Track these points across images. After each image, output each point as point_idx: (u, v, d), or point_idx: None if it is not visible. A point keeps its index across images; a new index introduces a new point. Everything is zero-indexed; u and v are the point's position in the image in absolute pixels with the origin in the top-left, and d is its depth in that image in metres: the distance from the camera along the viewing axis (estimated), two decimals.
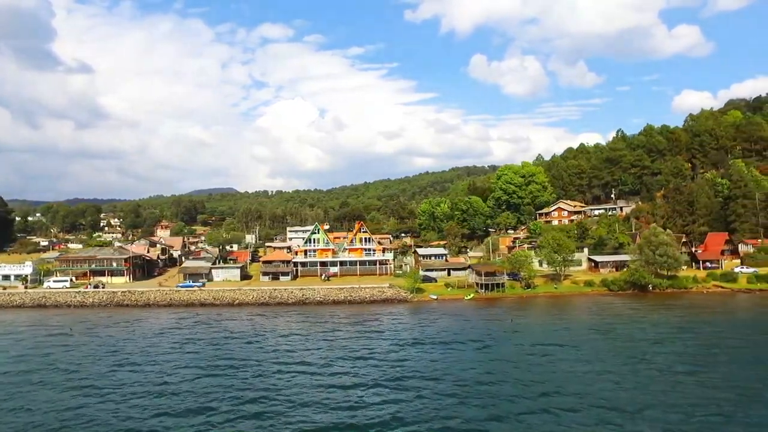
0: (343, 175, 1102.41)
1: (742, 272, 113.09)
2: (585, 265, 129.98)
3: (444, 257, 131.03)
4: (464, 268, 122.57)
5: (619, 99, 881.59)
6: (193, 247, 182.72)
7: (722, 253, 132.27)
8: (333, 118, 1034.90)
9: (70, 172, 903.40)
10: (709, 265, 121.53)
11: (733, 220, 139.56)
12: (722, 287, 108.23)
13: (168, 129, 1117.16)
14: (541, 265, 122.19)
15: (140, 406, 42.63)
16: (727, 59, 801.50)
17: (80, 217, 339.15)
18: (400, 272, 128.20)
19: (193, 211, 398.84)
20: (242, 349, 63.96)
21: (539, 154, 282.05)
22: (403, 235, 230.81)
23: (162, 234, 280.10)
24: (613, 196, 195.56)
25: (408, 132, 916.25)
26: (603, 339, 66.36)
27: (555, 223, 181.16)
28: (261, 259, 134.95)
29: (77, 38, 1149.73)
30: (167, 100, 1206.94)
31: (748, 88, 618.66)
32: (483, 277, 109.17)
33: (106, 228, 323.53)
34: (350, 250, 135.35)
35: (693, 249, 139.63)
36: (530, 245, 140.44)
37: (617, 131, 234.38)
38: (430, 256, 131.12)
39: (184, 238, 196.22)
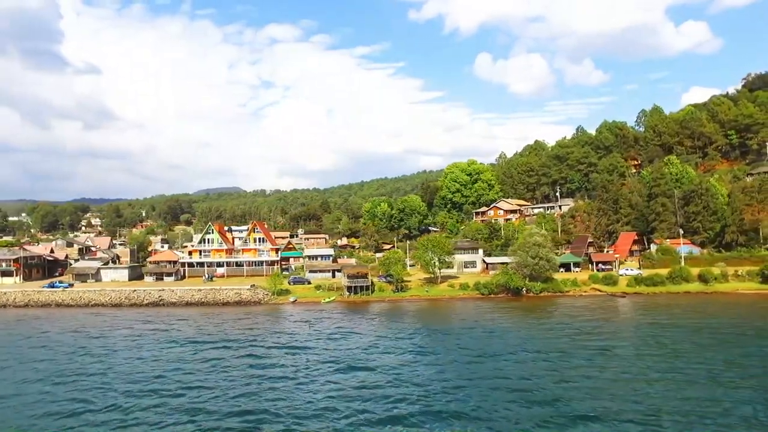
0: (350, 175, 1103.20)
1: (626, 274, 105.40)
2: (479, 266, 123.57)
3: (330, 258, 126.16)
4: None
5: (628, 97, 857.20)
6: (122, 248, 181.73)
7: (631, 253, 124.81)
8: (340, 118, 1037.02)
9: (78, 173, 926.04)
10: (603, 267, 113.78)
11: (654, 219, 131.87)
12: (599, 291, 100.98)
13: (176, 129, 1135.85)
14: (432, 266, 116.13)
15: None
16: (735, 55, 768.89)
17: (61, 217, 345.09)
18: (288, 272, 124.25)
19: (178, 211, 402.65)
20: None
21: (502, 152, 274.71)
22: (359, 234, 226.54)
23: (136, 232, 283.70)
24: (557, 194, 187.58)
25: (415, 131, 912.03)
26: (373, 345, 61.35)
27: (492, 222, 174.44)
28: (149, 259, 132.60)
29: (86, 40, 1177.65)
30: (175, 100, 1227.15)
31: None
32: (347, 279, 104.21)
33: (84, 228, 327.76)
34: (243, 250, 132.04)
35: (606, 248, 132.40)
36: None
37: (577, 128, 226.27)
38: (315, 256, 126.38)
39: (111, 239, 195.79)
